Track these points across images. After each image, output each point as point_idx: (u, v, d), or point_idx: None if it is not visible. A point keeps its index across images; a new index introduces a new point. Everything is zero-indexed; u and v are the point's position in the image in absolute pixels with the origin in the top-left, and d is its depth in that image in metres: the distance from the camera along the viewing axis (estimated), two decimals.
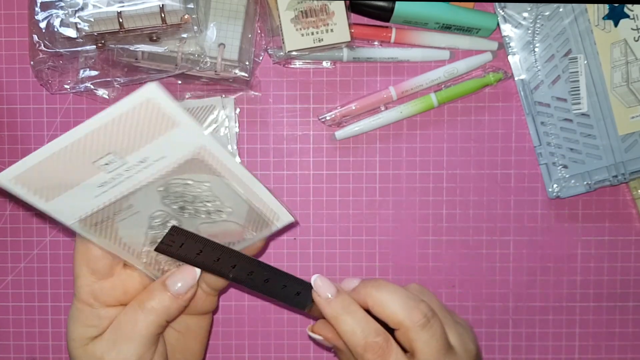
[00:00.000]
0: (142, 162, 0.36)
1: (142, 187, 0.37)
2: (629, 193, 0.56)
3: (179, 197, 0.39)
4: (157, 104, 0.34)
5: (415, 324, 0.37)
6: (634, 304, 0.56)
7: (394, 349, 0.37)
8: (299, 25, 0.51)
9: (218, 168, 0.37)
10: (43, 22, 0.50)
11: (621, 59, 0.53)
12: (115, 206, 0.38)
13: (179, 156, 0.36)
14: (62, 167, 0.35)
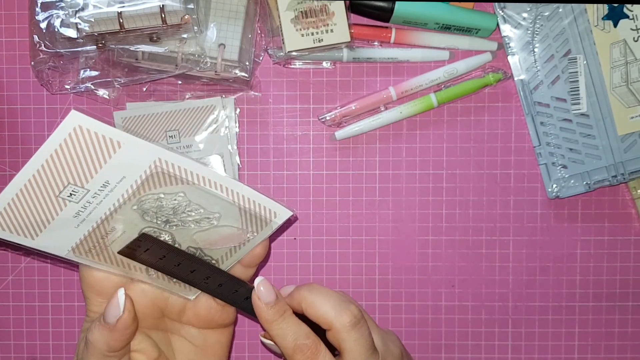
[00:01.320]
0: (105, 186, 0.36)
1: (117, 210, 0.38)
2: (628, 193, 0.56)
3: (158, 212, 0.39)
4: (87, 129, 0.34)
5: (345, 324, 0.39)
6: (633, 303, 0.56)
7: (322, 350, 0.39)
8: (299, 25, 0.51)
9: (184, 176, 0.37)
10: (43, 23, 0.50)
11: (620, 59, 0.53)
12: (100, 231, 0.38)
13: (137, 173, 0.37)
14: (31, 204, 0.36)
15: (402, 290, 0.56)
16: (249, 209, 0.40)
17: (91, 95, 0.54)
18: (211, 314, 0.42)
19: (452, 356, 0.57)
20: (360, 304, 0.56)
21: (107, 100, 0.55)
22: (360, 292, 0.56)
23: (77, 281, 0.57)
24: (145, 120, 0.55)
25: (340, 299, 0.40)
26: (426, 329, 0.56)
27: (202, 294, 0.42)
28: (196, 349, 0.44)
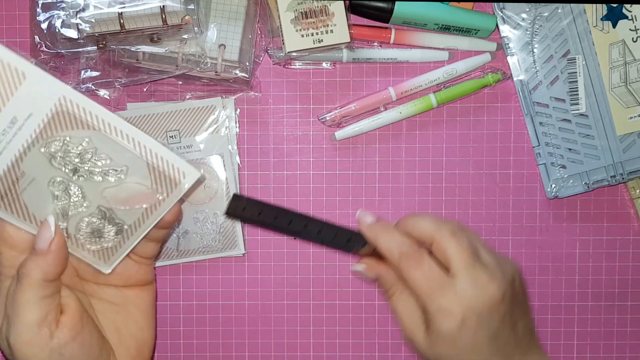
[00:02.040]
0: (13, 123, 0.36)
1: (26, 151, 0.37)
2: (627, 193, 0.56)
3: (65, 158, 0.38)
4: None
5: (445, 234, 0.40)
6: (632, 303, 0.56)
7: (427, 258, 0.40)
8: (299, 26, 0.51)
9: (90, 120, 0.37)
10: (44, 23, 0.50)
11: (619, 60, 0.53)
12: (11, 175, 0.38)
13: (44, 110, 0.36)
14: None
15: None
16: (157, 165, 0.40)
17: (92, 95, 0.54)
18: (127, 272, 0.43)
19: None
20: (360, 304, 0.56)
21: (108, 101, 0.55)
22: (360, 292, 0.57)
23: None
24: (145, 121, 0.55)
25: (439, 218, 0.42)
26: None
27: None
28: (118, 308, 0.44)
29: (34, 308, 0.39)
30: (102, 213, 0.41)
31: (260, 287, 0.57)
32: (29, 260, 0.39)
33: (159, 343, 0.57)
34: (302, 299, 0.57)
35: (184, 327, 0.57)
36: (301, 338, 0.57)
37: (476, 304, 0.39)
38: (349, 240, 0.44)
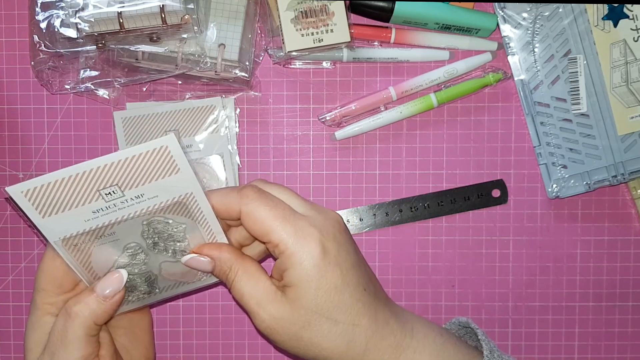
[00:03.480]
0: (138, 197, 0.39)
1: (129, 219, 0.39)
2: (629, 193, 0.56)
3: (157, 234, 0.41)
4: (169, 152, 0.37)
5: (246, 203, 0.39)
6: (633, 303, 0.56)
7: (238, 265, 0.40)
8: (299, 25, 0.51)
9: (196, 214, 0.40)
10: (43, 23, 0.50)
11: (620, 59, 0.53)
12: (100, 231, 0.40)
13: (169, 197, 0.39)
14: (70, 190, 0.37)
15: (402, 290, 0.56)
16: None
17: (91, 95, 0.54)
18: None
19: None
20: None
21: (107, 100, 0.55)
22: None
23: None
24: (145, 121, 0.55)
25: (229, 189, 0.40)
26: None
27: None
28: (126, 331, 0.45)
29: (83, 345, 0.40)
30: (147, 276, 0.43)
31: None
32: (84, 301, 0.40)
33: (159, 343, 0.57)
34: None
35: (184, 327, 0.57)
36: None
37: (330, 230, 0.38)
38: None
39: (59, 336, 0.40)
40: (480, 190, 0.56)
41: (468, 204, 0.55)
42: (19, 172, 0.56)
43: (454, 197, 0.55)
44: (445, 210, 0.55)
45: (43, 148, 0.56)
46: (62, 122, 0.56)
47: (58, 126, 0.56)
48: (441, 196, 0.55)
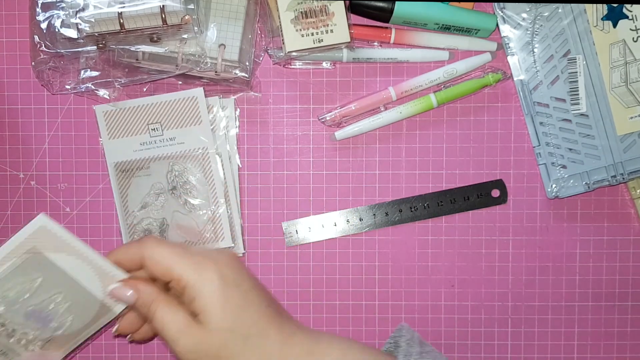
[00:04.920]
0: (171, 140, 0.54)
1: (163, 158, 0.51)
2: (628, 193, 0.56)
3: (177, 177, 0.47)
4: (197, 102, 0.47)
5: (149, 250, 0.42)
6: (632, 303, 0.56)
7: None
8: (299, 26, 0.51)
9: (207, 171, 0.47)
10: (44, 23, 0.50)
11: (620, 60, 0.53)
12: (141, 163, 0.53)
13: (192, 147, 0.55)
14: (130, 119, 0.52)
15: (402, 290, 0.57)
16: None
17: (92, 95, 0.54)
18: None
19: (452, 355, 0.57)
20: (360, 304, 0.56)
21: (108, 101, 0.55)
22: (361, 292, 0.56)
23: None
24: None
25: (129, 243, 0.43)
26: (426, 328, 0.57)
27: None
28: None
29: None
30: (161, 222, 0.52)
31: None
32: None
33: (159, 343, 0.57)
34: (302, 299, 0.57)
35: None
36: None
37: (224, 260, 0.41)
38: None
39: None
40: (480, 190, 0.56)
41: (468, 204, 0.56)
42: (20, 172, 0.56)
43: (454, 197, 0.55)
44: (444, 210, 0.56)
45: (44, 148, 0.56)
46: (63, 122, 0.56)
47: (58, 126, 0.56)
48: (441, 196, 0.55)
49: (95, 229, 0.56)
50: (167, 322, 0.40)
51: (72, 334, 0.43)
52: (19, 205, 0.56)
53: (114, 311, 0.43)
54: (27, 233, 0.41)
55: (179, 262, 0.41)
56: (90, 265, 0.42)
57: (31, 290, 0.41)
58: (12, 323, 0.42)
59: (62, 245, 0.41)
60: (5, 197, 0.56)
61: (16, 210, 0.56)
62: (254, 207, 0.56)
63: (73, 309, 0.42)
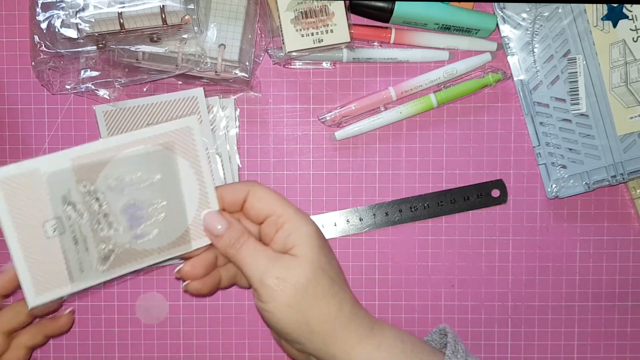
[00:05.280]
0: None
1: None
2: (628, 193, 0.56)
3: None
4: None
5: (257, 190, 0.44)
6: (632, 303, 0.56)
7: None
8: (299, 26, 0.51)
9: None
10: (44, 23, 0.50)
11: (620, 60, 0.53)
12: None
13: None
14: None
15: (402, 290, 0.57)
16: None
17: (92, 95, 0.54)
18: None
19: None
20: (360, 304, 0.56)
21: (108, 101, 0.55)
22: (361, 292, 0.56)
23: None
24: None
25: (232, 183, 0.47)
26: (426, 328, 0.57)
27: None
28: None
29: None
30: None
31: None
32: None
33: (159, 343, 0.57)
34: None
35: (184, 327, 0.57)
36: None
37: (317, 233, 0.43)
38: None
39: None
40: (480, 190, 0.56)
41: (468, 204, 0.56)
42: None
43: (454, 197, 0.55)
44: (444, 210, 0.56)
45: (44, 148, 0.56)
46: (63, 122, 0.56)
47: (59, 126, 0.56)
48: (441, 196, 0.55)
49: None
50: (255, 254, 0.42)
51: (144, 252, 0.42)
52: None
53: (191, 245, 0.43)
54: (174, 127, 0.41)
55: (282, 201, 0.43)
56: (201, 187, 0.42)
57: (144, 184, 0.41)
58: (108, 207, 0.40)
59: (192, 155, 0.42)
60: None
61: None
62: None
63: (163, 224, 0.42)
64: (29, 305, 0.39)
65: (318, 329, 0.41)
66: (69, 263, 0.40)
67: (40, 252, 0.39)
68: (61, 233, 0.39)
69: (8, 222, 0.38)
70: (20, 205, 0.38)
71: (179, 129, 0.41)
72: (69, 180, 0.39)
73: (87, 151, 0.39)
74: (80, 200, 0.40)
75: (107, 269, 0.41)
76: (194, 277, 0.43)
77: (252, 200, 0.43)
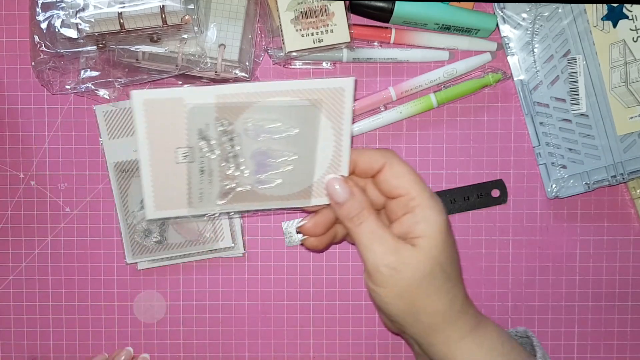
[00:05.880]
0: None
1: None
2: (628, 193, 0.56)
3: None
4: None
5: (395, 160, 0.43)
6: (632, 303, 0.56)
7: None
8: (299, 26, 0.51)
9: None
10: (44, 23, 0.50)
11: (620, 60, 0.53)
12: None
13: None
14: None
15: None
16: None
17: (92, 95, 0.54)
18: None
19: None
20: (360, 304, 0.56)
21: (108, 101, 0.55)
22: (361, 292, 0.56)
23: (78, 281, 0.57)
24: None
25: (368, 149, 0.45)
26: None
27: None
28: None
29: None
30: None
31: (260, 287, 0.57)
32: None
33: (159, 343, 0.57)
34: (302, 299, 0.57)
35: (184, 327, 0.57)
36: (301, 338, 0.57)
37: (444, 221, 0.41)
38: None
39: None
40: (480, 190, 0.56)
41: (468, 203, 0.56)
42: (20, 172, 0.56)
43: (454, 197, 0.55)
44: None
45: (44, 148, 0.56)
46: (63, 122, 0.56)
47: (59, 126, 0.56)
48: (441, 196, 0.55)
49: (95, 229, 0.57)
50: (373, 238, 0.40)
51: (262, 197, 0.43)
52: (19, 205, 0.56)
53: (310, 201, 0.43)
54: (328, 85, 0.40)
55: (419, 183, 0.42)
56: (336, 149, 0.42)
57: (281, 135, 0.41)
58: (240, 149, 0.41)
59: (337, 116, 0.41)
60: (5, 197, 0.56)
61: (16, 210, 0.57)
62: None
63: (287, 176, 0.42)
64: (147, 217, 0.42)
65: (424, 320, 0.41)
66: (190, 190, 0.42)
67: (167, 174, 0.41)
68: (190, 162, 0.41)
69: (144, 140, 0.40)
70: (159, 127, 0.40)
71: (333, 88, 0.40)
72: (210, 116, 0.40)
73: (233, 91, 0.40)
74: (216, 137, 0.41)
75: (224, 204, 0.42)
76: (314, 235, 0.44)
77: (388, 175, 0.42)
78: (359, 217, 0.41)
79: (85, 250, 0.57)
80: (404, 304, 0.41)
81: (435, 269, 0.40)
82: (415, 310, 0.41)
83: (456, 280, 0.42)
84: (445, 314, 0.41)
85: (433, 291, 0.40)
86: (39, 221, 0.57)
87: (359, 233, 0.41)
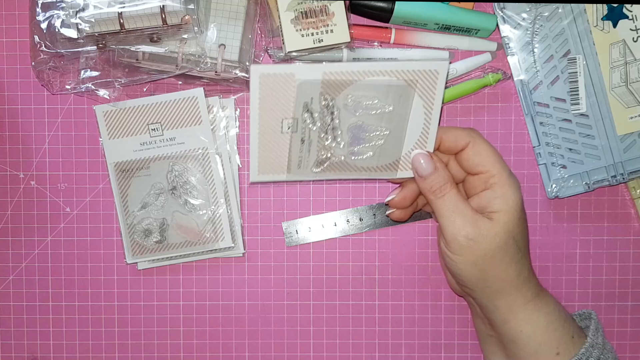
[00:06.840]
0: (171, 140, 0.55)
1: (162, 159, 0.55)
2: (628, 193, 0.56)
3: (177, 177, 0.52)
4: (197, 103, 0.54)
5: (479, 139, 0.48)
6: (632, 303, 0.56)
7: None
8: (299, 26, 0.51)
9: (207, 173, 0.52)
10: (44, 23, 0.50)
11: (620, 60, 0.53)
12: (141, 164, 0.55)
13: (191, 147, 0.55)
14: (130, 119, 0.54)
15: (402, 290, 0.57)
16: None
17: (92, 95, 0.54)
18: None
19: (452, 356, 0.57)
20: (360, 304, 0.56)
21: (108, 101, 0.55)
22: (361, 292, 0.57)
23: (78, 281, 0.57)
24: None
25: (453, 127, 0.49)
26: (426, 328, 0.57)
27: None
28: None
29: None
30: (162, 222, 0.55)
31: (260, 287, 0.57)
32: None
33: (159, 343, 0.57)
34: (302, 299, 0.57)
35: (184, 327, 0.57)
36: (301, 338, 0.57)
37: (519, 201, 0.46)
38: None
39: None
40: None
41: None
42: (20, 172, 0.56)
43: None
44: None
45: (44, 148, 0.56)
46: (63, 122, 0.56)
47: (59, 126, 0.56)
48: None
49: (95, 229, 0.57)
50: (453, 209, 0.45)
51: (353, 167, 0.47)
52: (19, 205, 0.56)
53: (396, 173, 0.48)
54: (423, 67, 0.44)
55: (500, 162, 0.46)
56: (425, 127, 0.45)
57: (376, 111, 0.45)
58: (338, 122, 0.45)
59: (429, 96, 0.45)
60: (5, 197, 0.56)
61: (16, 210, 0.57)
62: (254, 207, 0.56)
63: (378, 149, 0.46)
64: (251, 180, 0.47)
65: (493, 285, 0.46)
66: (291, 157, 0.46)
67: (271, 142, 0.45)
68: (293, 132, 0.45)
69: (256, 110, 0.44)
70: (270, 99, 0.44)
71: (428, 70, 0.44)
72: (315, 91, 0.44)
73: (338, 69, 0.44)
74: (318, 110, 0.45)
75: (319, 172, 0.47)
76: (402, 207, 0.50)
77: (471, 153, 0.46)
78: (441, 190, 0.45)
79: (85, 250, 0.57)
80: (478, 270, 0.45)
81: (509, 241, 0.45)
82: (486, 276, 0.45)
83: (525, 252, 0.47)
84: (513, 281, 0.46)
85: (505, 261, 0.45)
86: (39, 221, 0.57)
87: (440, 205, 0.45)
